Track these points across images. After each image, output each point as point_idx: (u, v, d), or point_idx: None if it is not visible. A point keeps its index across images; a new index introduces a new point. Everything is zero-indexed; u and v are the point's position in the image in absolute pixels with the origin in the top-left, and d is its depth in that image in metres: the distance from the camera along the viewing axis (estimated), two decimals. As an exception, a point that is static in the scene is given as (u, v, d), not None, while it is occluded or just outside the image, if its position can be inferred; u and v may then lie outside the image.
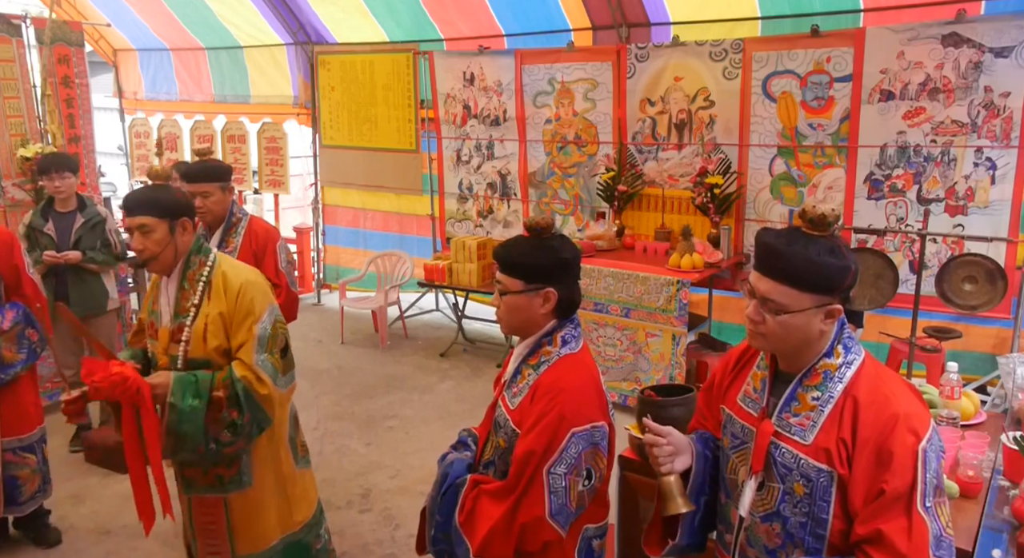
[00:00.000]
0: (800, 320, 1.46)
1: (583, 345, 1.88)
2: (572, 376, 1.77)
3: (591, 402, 1.76)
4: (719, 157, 5.12)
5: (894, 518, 1.37)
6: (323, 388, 5.36)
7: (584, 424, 1.72)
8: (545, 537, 1.71)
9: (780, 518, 1.52)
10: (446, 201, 6.61)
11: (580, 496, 1.74)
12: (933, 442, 1.40)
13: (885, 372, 1.51)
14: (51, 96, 5.78)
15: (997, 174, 4.27)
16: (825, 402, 1.46)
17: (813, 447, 1.46)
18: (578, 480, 1.72)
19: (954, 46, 4.22)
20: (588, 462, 1.73)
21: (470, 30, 6.11)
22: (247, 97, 7.68)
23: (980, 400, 2.97)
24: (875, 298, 3.40)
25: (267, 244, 3.30)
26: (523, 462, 1.70)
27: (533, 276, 1.80)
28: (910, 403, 1.44)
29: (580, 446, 1.71)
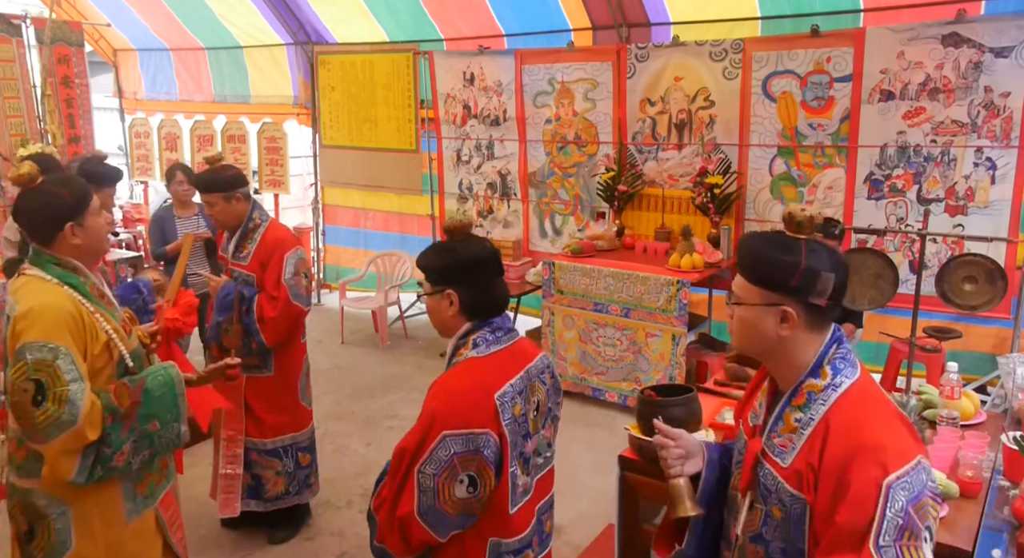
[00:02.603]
0: (751, 315, 1.44)
1: (500, 350, 1.81)
2: (459, 379, 1.76)
3: (472, 407, 1.69)
4: (719, 157, 5.12)
5: (845, 552, 1.29)
6: (323, 388, 5.36)
7: (459, 428, 1.67)
8: (419, 536, 1.71)
9: (763, 541, 1.47)
10: (446, 201, 6.61)
11: (464, 503, 1.70)
12: (909, 480, 1.29)
13: (873, 399, 1.41)
14: (51, 96, 5.79)
15: (997, 174, 4.27)
16: (806, 424, 1.41)
17: (790, 471, 1.41)
18: (453, 483, 1.67)
19: (954, 46, 4.22)
20: (467, 468, 1.68)
21: (470, 30, 6.11)
22: (247, 97, 7.68)
23: (980, 400, 2.97)
24: (875, 298, 3.39)
25: (273, 253, 3.20)
26: (398, 458, 1.73)
27: (435, 278, 1.83)
28: (888, 435, 1.34)
29: (453, 449, 1.67)
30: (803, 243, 1.41)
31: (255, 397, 3.29)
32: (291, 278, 3.18)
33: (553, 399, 1.96)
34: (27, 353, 1.87)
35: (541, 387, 1.89)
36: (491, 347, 1.81)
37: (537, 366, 1.89)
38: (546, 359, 1.96)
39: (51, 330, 1.90)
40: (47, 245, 2.04)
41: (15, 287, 2.01)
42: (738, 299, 1.47)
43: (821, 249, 1.41)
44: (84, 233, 2.05)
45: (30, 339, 1.88)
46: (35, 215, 2.02)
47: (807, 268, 1.38)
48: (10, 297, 2.00)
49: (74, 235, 2.03)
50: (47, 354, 1.87)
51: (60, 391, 1.86)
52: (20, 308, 1.93)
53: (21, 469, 1.99)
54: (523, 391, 1.81)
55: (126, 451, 1.98)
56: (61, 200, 2.02)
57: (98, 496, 2.01)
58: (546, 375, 1.93)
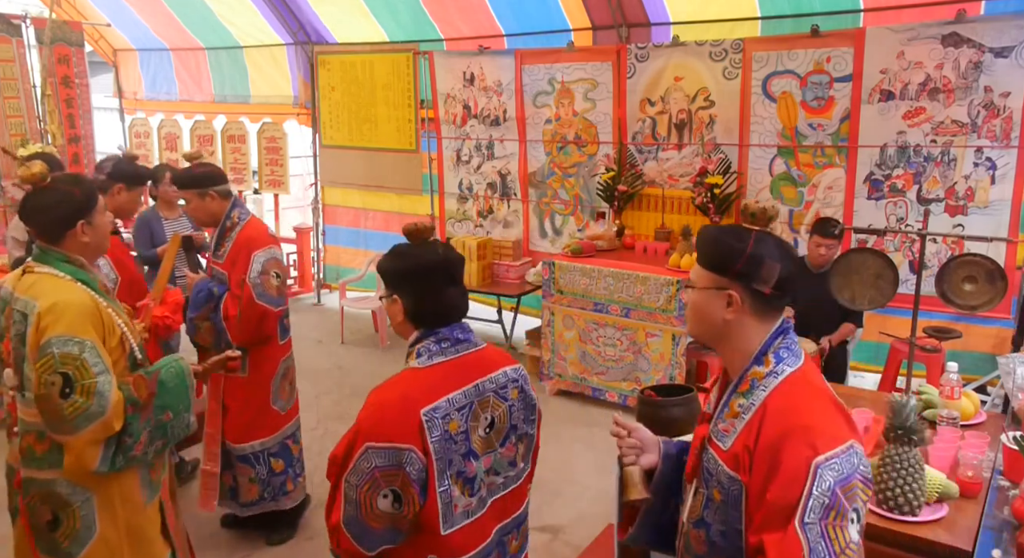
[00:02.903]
0: (701, 299, 1.51)
1: (443, 362, 1.74)
2: (389, 391, 1.70)
3: (396, 422, 1.63)
4: (719, 157, 5.12)
5: (774, 530, 1.33)
6: (323, 388, 5.36)
7: (381, 441, 1.62)
8: (345, 546, 1.68)
9: (705, 525, 1.50)
10: (446, 201, 6.61)
11: (390, 517, 1.65)
12: (838, 462, 1.33)
13: (811, 386, 1.46)
14: (51, 96, 5.79)
15: (997, 174, 4.27)
16: (747, 410, 1.45)
17: (729, 454, 1.45)
18: (376, 496, 1.62)
19: (954, 46, 4.22)
20: (390, 483, 1.62)
21: (470, 30, 6.11)
22: (247, 97, 7.68)
23: (980, 400, 2.97)
24: (875, 298, 3.39)
25: (241, 252, 3.15)
26: (330, 464, 1.71)
27: (386, 282, 1.80)
28: (821, 418, 1.39)
29: (375, 462, 1.61)
30: (754, 232, 1.48)
31: (231, 397, 3.28)
32: (257, 277, 3.11)
33: (520, 416, 1.84)
34: (54, 347, 1.91)
35: (500, 403, 1.79)
36: (433, 358, 1.73)
37: (497, 380, 1.79)
38: (514, 373, 1.84)
39: (76, 324, 1.95)
40: (56, 243, 2.07)
41: (27, 284, 2.02)
42: (690, 283, 1.54)
43: (770, 240, 1.47)
44: (93, 231, 2.10)
45: (56, 333, 1.93)
46: (47, 213, 2.05)
47: (752, 254, 1.44)
48: (21, 295, 2.02)
49: (84, 233, 2.07)
50: (74, 348, 1.93)
51: (88, 383, 1.91)
52: (43, 304, 1.96)
53: (42, 461, 2.02)
54: (466, 407, 1.72)
55: (143, 441, 2.05)
56: (73, 198, 2.06)
57: (120, 482, 2.09)
58: (510, 390, 1.82)
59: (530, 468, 1.93)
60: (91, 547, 2.05)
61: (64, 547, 2.04)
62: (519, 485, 1.87)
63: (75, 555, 2.05)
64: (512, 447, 1.83)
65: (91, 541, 2.05)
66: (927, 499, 2.18)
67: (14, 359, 2.01)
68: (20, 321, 1.99)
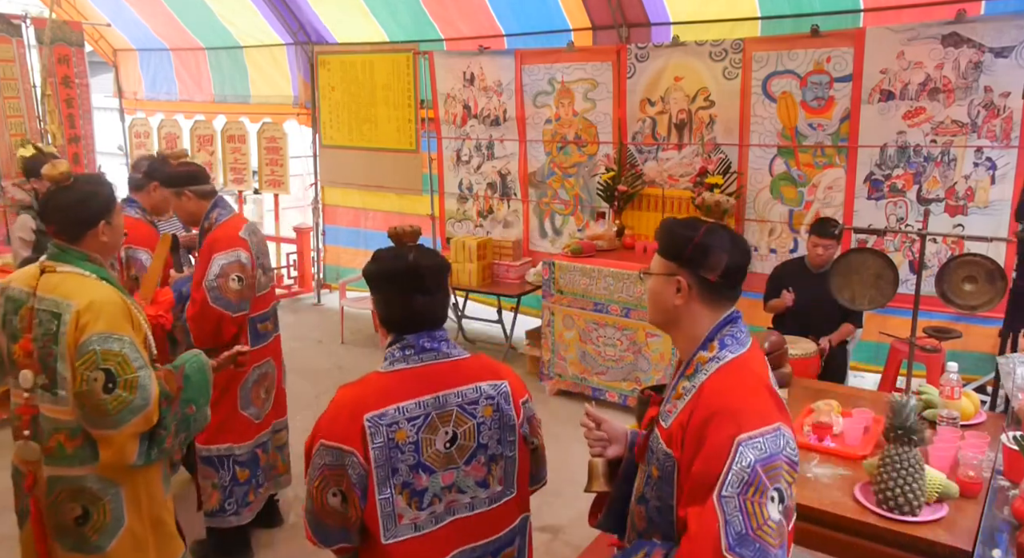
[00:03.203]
0: (655, 285, 1.60)
1: (404, 369, 1.73)
2: (347, 391, 1.72)
3: (343, 423, 1.65)
4: (719, 157, 5.12)
5: (696, 503, 1.39)
6: (323, 388, 5.36)
7: (331, 440, 1.64)
8: (307, 534, 1.74)
9: (645, 501, 1.58)
10: (446, 201, 6.61)
11: (340, 516, 1.66)
12: (762, 441, 1.38)
13: (750, 371, 1.51)
14: (51, 96, 5.79)
15: (997, 174, 4.27)
16: (689, 391, 1.52)
17: (667, 431, 1.52)
18: (326, 494, 1.65)
19: (954, 46, 4.22)
20: (337, 482, 1.64)
21: (470, 30, 6.11)
22: (247, 97, 7.68)
23: (980, 400, 2.97)
24: (875, 298, 3.39)
25: (204, 254, 3.11)
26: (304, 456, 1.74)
27: (367, 285, 1.82)
28: (752, 401, 1.44)
29: (325, 459, 1.65)
30: (706, 224, 1.56)
31: None
32: (214, 280, 3.03)
33: (493, 436, 1.77)
34: (95, 344, 1.95)
35: (466, 418, 1.73)
36: (395, 364, 1.73)
37: (466, 395, 1.73)
38: (492, 389, 1.77)
39: (115, 321, 2.00)
40: (75, 242, 2.08)
41: (52, 284, 2.02)
42: (647, 270, 1.64)
43: (722, 232, 1.55)
44: (111, 231, 2.14)
45: (97, 330, 1.96)
46: (70, 212, 2.06)
47: (700, 243, 1.53)
48: (47, 294, 2.01)
49: (103, 233, 2.11)
50: (114, 344, 1.97)
51: (130, 378, 1.96)
52: (80, 302, 1.98)
53: (72, 458, 2.04)
54: (420, 418, 1.68)
55: (172, 433, 2.10)
56: (97, 198, 2.10)
57: (145, 476, 2.14)
58: (481, 407, 1.75)
59: (515, 493, 1.83)
60: (119, 539, 2.10)
61: (93, 541, 2.07)
62: (493, 509, 1.79)
63: (104, 548, 2.08)
64: (480, 467, 1.76)
65: (119, 533, 2.10)
66: (927, 499, 2.18)
67: (40, 358, 2.00)
68: (49, 320, 1.99)
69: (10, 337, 2.07)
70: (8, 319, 2.07)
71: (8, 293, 2.08)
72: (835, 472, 2.43)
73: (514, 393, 1.81)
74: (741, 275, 1.56)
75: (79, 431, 2.03)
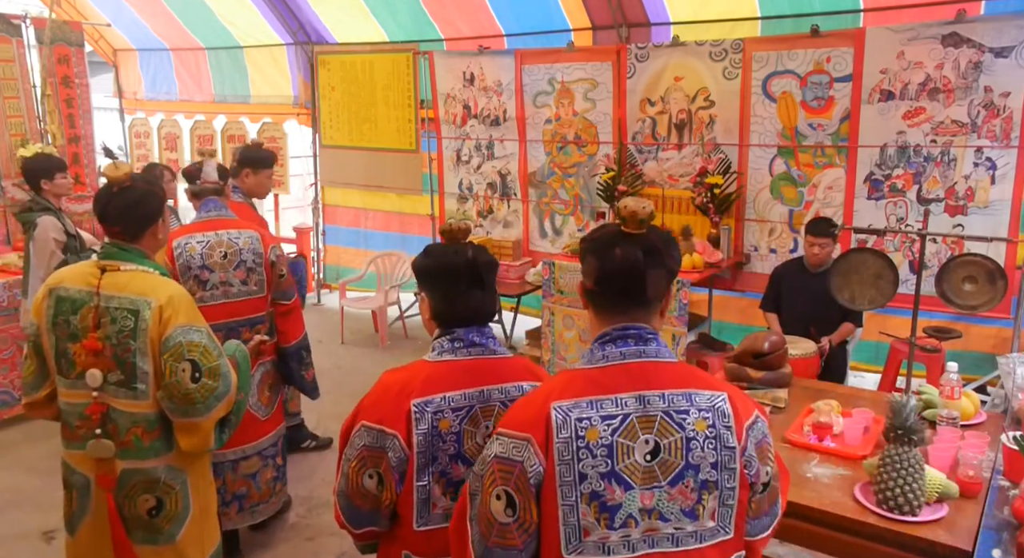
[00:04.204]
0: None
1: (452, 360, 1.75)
2: (393, 375, 1.77)
3: (388, 405, 1.69)
4: (719, 157, 5.12)
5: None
6: (323, 388, 5.32)
7: (373, 421, 1.69)
8: (337, 516, 1.79)
9: None
10: (446, 201, 6.61)
11: (373, 499, 1.70)
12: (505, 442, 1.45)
13: (555, 382, 1.51)
14: (51, 96, 5.78)
15: (997, 174, 4.27)
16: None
17: None
18: (362, 475, 1.69)
19: (954, 46, 4.22)
20: (375, 464, 1.67)
21: (470, 30, 6.11)
22: (247, 97, 7.68)
23: (980, 400, 2.97)
24: (875, 298, 3.39)
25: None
26: (340, 435, 1.79)
27: (417, 280, 1.86)
28: (520, 407, 1.51)
29: (365, 440, 1.69)
30: (599, 231, 1.55)
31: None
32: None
33: None
34: (179, 337, 2.05)
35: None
36: (443, 355, 1.76)
37: (509, 392, 1.77)
38: (532, 389, 1.77)
39: (192, 314, 2.11)
40: (136, 240, 2.16)
41: (121, 283, 2.08)
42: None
43: (609, 239, 1.49)
44: (164, 228, 2.25)
45: (179, 324, 2.06)
46: (133, 212, 2.13)
47: (583, 249, 1.54)
48: (118, 293, 2.06)
49: (160, 230, 2.21)
50: (195, 335, 2.07)
51: (213, 366, 2.08)
52: (160, 298, 2.06)
53: (148, 450, 2.10)
54: (464, 410, 1.71)
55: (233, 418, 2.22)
56: (155, 197, 2.19)
57: (203, 463, 2.27)
58: None
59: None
60: (187, 526, 2.18)
61: (166, 530, 2.15)
62: None
63: (176, 535, 2.15)
64: None
65: (187, 521, 2.18)
66: (927, 499, 2.18)
67: (114, 355, 2.04)
68: (124, 317, 2.04)
69: (67, 338, 2.07)
70: (61, 320, 2.07)
71: (60, 293, 2.09)
72: (835, 472, 2.43)
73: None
74: (618, 285, 1.47)
75: (156, 423, 2.10)
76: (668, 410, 1.42)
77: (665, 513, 1.41)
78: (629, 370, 1.45)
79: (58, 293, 2.09)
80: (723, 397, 1.46)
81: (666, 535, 1.42)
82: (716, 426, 1.43)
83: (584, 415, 1.40)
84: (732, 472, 1.43)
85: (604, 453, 1.39)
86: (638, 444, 1.40)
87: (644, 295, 1.48)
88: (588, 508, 1.38)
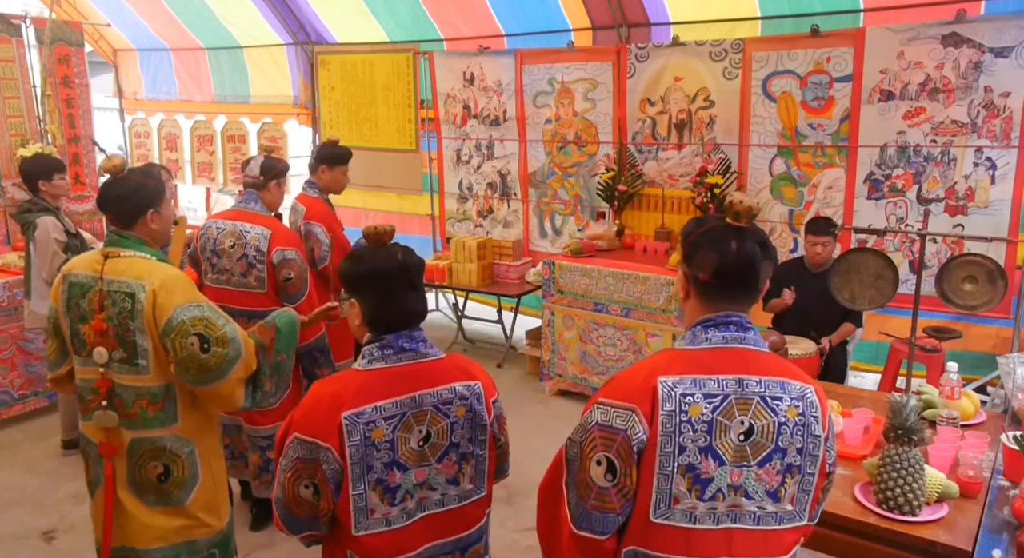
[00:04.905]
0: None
1: (383, 368, 1.75)
2: (323, 387, 1.75)
3: (320, 419, 1.68)
4: (719, 157, 5.12)
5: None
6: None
7: (306, 434, 1.68)
8: (275, 521, 1.82)
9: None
10: (446, 201, 6.61)
11: (310, 507, 1.70)
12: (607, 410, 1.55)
13: (660, 358, 1.59)
14: (51, 96, 5.78)
15: (997, 174, 4.27)
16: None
17: None
18: (298, 486, 1.68)
19: (954, 46, 4.22)
20: (310, 475, 1.67)
21: (470, 30, 6.11)
22: (247, 97, 7.68)
23: (980, 400, 2.97)
24: (875, 298, 3.39)
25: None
26: (275, 446, 1.82)
27: (344, 286, 1.83)
28: (625, 377, 1.59)
29: (298, 453, 1.68)
30: (711, 222, 1.61)
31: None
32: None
33: (465, 435, 1.79)
34: (181, 314, 2.17)
35: (440, 419, 1.75)
36: (374, 363, 1.74)
37: (441, 395, 1.75)
38: (466, 390, 1.79)
39: (188, 292, 2.23)
40: (129, 228, 2.29)
41: (120, 268, 2.21)
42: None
43: (725, 232, 1.56)
44: (160, 220, 2.33)
45: (177, 303, 2.18)
46: (125, 201, 2.26)
47: (693, 243, 1.60)
48: (117, 277, 2.20)
49: (152, 220, 2.30)
50: (195, 310, 2.19)
51: (220, 335, 2.19)
52: (154, 282, 2.18)
53: (153, 421, 2.25)
54: (396, 417, 1.70)
55: (268, 376, 2.35)
56: (147, 188, 2.29)
57: (212, 435, 2.39)
58: (455, 407, 1.77)
59: (484, 493, 1.86)
60: (196, 492, 2.32)
61: (175, 496, 2.29)
62: (463, 507, 1.82)
63: (184, 501, 2.30)
64: (452, 465, 1.79)
65: (196, 487, 2.31)
66: (927, 499, 2.18)
67: (116, 335, 2.19)
68: (123, 300, 2.19)
69: (78, 319, 2.23)
70: (73, 304, 2.24)
71: (71, 279, 2.26)
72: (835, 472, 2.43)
73: (486, 393, 1.83)
74: (736, 278, 1.54)
75: (160, 396, 2.24)
76: (764, 395, 1.51)
77: (750, 491, 1.50)
78: (730, 354, 1.54)
79: (70, 279, 2.26)
80: (811, 389, 1.56)
81: (748, 512, 1.51)
82: (805, 415, 1.52)
83: (688, 391, 1.49)
84: (815, 459, 1.54)
85: (704, 429, 1.48)
86: (734, 424, 1.49)
87: (756, 285, 1.57)
88: (682, 479, 1.48)
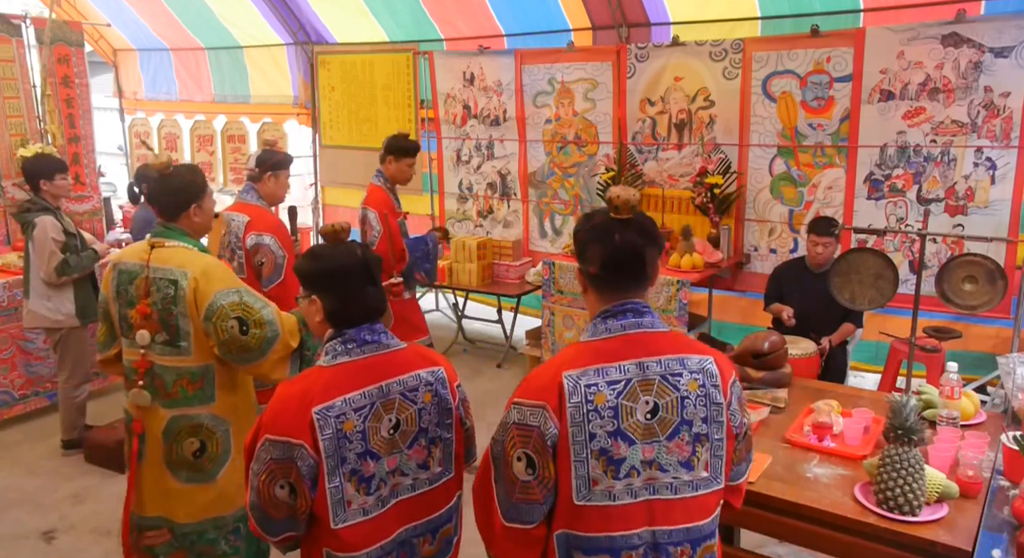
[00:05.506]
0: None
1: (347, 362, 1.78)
2: (290, 386, 1.77)
3: (290, 417, 1.70)
4: (719, 157, 5.12)
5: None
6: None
7: (277, 434, 1.69)
8: (253, 527, 1.84)
9: None
10: (446, 201, 6.61)
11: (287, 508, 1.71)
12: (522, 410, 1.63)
13: (565, 355, 1.68)
14: (51, 96, 5.78)
15: (997, 174, 4.27)
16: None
17: None
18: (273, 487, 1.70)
19: (954, 46, 4.22)
20: (285, 475, 1.69)
21: (470, 30, 6.11)
22: (247, 97, 7.68)
23: (980, 400, 2.97)
24: (875, 298, 3.39)
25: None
26: (244, 453, 1.85)
27: (304, 283, 1.87)
28: (535, 376, 1.68)
29: (272, 454, 1.70)
30: (593, 216, 1.76)
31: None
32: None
33: (432, 420, 1.85)
34: (221, 300, 2.33)
35: (408, 406, 1.80)
36: (338, 358, 1.77)
37: (406, 383, 1.81)
38: (430, 376, 1.85)
39: (226, 279, 2.40)
40: (174, 220, 2.47)
41: (164, 257, 2.39)
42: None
43: (609, 228, 1.70)
44: (202, 213, 2.51)
45: (217, 289, 2.34)
46: (173, 196, 2.46)
47: (581, 240, 1.75)
48: (161, 265, 2.37)
49: (195, 214, 2.49)
50: (234, 296, 2.36)
51: (257, 317, 2.35)
52: (195, 270, 2.35)
53: (192, 399, 2.43)
54: (366, 407, 1.74)
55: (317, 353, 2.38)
56: (193, 184, 2.48)
57: (246, 414, 2.53)
58: (421, 393, 1.82)
59: (453, 474, 1.92)
60: (227, 468, 2.49)
61: (208, 469, 2.47)
62: (433, 489, 1.87)
63: (215, 474, 2.48)
64: (421, 450, 1.84)
65: (227, 463, 2.49)
66: (927, 499, 2.18)
67: (160, 319, 2.37)
68: (167, 286, 2.36)
69: (126, 304, 2.42)
70: (122, 290, 2.42)
71: (121, 267, 2.44)
72: (835, 472, 2.43)
73: (449, 378, 1.90)
74: (622, 268, 1.64)
75: (199, 376, 2.41)
76: (664, 374, 1.61)
77: (664, 464, 1.61)
78: (629, 340, 1.63)
79: (120, 267, 2.44)
80: (710, 360, 1.66)
81: (665, 484, 1.61)
82: (706, 386, 1.63)
83: (592, 382, 1.58)
84: (720, 425, 1.65)
85: (611, 414, 1.58)
86: (639, 405, 1.59)
87: (644, 273, 1.67)
88: (597, 462, 1.57)
